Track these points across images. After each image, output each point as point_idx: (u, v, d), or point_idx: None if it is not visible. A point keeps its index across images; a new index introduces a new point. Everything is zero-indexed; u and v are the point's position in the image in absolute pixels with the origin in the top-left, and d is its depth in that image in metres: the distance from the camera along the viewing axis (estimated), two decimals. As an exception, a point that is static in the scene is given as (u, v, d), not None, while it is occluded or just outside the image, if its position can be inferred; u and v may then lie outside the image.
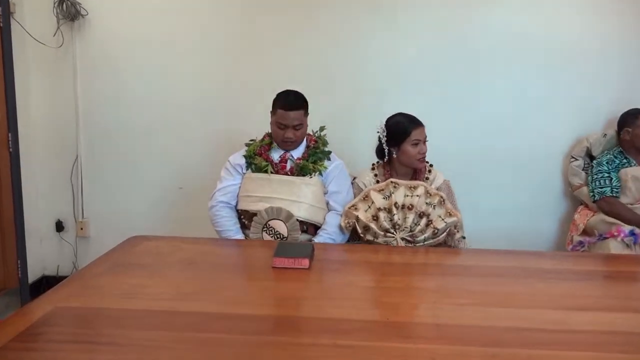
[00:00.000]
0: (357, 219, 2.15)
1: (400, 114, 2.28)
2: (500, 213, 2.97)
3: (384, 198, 2.16)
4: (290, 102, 2.24)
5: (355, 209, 2.19)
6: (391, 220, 2.11)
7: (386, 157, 2.30)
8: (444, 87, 2.91)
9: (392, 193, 2.15)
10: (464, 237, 2.21)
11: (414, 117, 2.24)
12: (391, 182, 2.19)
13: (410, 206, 2.10)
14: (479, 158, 2.95)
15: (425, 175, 2.31)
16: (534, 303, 1.49)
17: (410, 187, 2.16)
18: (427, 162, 2.34)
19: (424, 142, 2.23)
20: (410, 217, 2.09)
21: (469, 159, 2.94)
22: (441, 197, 2.14)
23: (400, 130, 2.23)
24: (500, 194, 2.97)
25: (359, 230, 2.16)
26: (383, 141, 2.27)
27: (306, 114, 2.29)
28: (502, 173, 2.96)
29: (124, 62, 3.00)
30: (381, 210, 2.13)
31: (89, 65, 3.01)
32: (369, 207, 2.17)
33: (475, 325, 1.35)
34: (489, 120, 2.92)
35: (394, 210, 2.10)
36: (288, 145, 2.26)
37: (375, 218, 2.13)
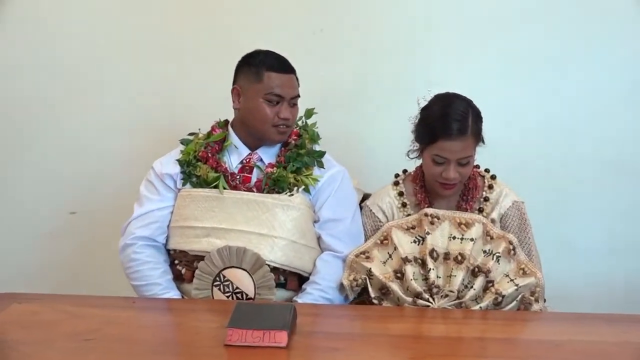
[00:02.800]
0: (370, 274, 2.15)
1: (445, 98, 2.24)
2: (608, 253, 2.98)
3: (414, 241, 2.15)
4: (283, 61, 2.29)
5: (367, 257, 2.17)
6: (426, 278, 2.10)
7: (419, 157, 2.30)
8: (511, 50, 2.93)
9: (429, 233, 2.14)
10: (544, 302, 2.20)
11: (461, 116, 2.16)
12: (426, 214, 2.18)
13: (458, 257, 2.10)
14: (572, 167, 2.96)
15: (484, 194, 2.30)
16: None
17: (460, 224, 2.15)
18: (487, 172, 2.35)
19: (457, 164, 2.18)
20: (459, 274, 2.08)
21: (555, 168, 2.96)
22: (510, 243, 2.12)
23: (426, 129, 2.22)
24: (608, 224, 2.98)
25: (372, 294, 2.15)
26: (412, 132, 2.28)
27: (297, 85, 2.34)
28: (611, 190, 2.97)
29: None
30: (409, 261, 2.12)
31: None
32: (390, 255, 2.16)
33: None
34: (589, 107, 2.93)
35: (431, 263, 2.09)
36: (283, 132, 2.29)
37: (400, 275, 2.12)
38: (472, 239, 2.12)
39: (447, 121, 2.15)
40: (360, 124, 2.93)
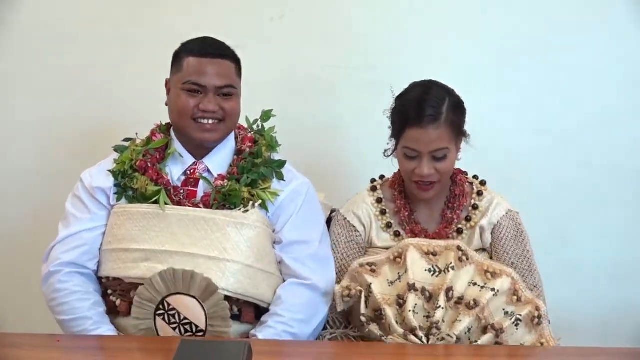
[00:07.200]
0: (369, 290, 2.17)
1: (421, 85, 2.30)
2: (620, 277, 3.01)
3: (430, 270, 2.19)
4: (210, 44, 2.29)
5: (373, 271, 2.21)
6: (428, 315, 2.11)
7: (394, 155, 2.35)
8: (509, 38, 2.96)
9: (453, 268, 2.15)
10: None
11: (435, 102, 2.22)
12: (459, 248, 2.21)
13: (471, 302, 2.10)
14: (579, 173, 3.00)
15: (472, 202, 2.37)
16: None
17: (486, 272, 2.17)
18: (476, 179, 2.41)
19: (432, 157, 2.23)
20: (465, 320, 2.08)
21: (559, 175, 3.00)
22: (537, 309, 2.12)
23: (396, 117, 2.29)
24: (620, 244, 3.02)
25: (363, 310, 2.16)
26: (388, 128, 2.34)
27: (238, 74, 2.34)
28: (626, 202, 3.02)
29: None
30: (415, 290, 2.14)
31: None
32: (399, 277, 2.21)
33: None
34: (600, 108, 2.98)
35: (443, 301, 2.10)
36: (209, 129, 2.28)
37: (401, 301, 2.12)
38: (493, 289, 2.13)
39: (418, 107, 2.21)
40: (328, 127, 2.94)
